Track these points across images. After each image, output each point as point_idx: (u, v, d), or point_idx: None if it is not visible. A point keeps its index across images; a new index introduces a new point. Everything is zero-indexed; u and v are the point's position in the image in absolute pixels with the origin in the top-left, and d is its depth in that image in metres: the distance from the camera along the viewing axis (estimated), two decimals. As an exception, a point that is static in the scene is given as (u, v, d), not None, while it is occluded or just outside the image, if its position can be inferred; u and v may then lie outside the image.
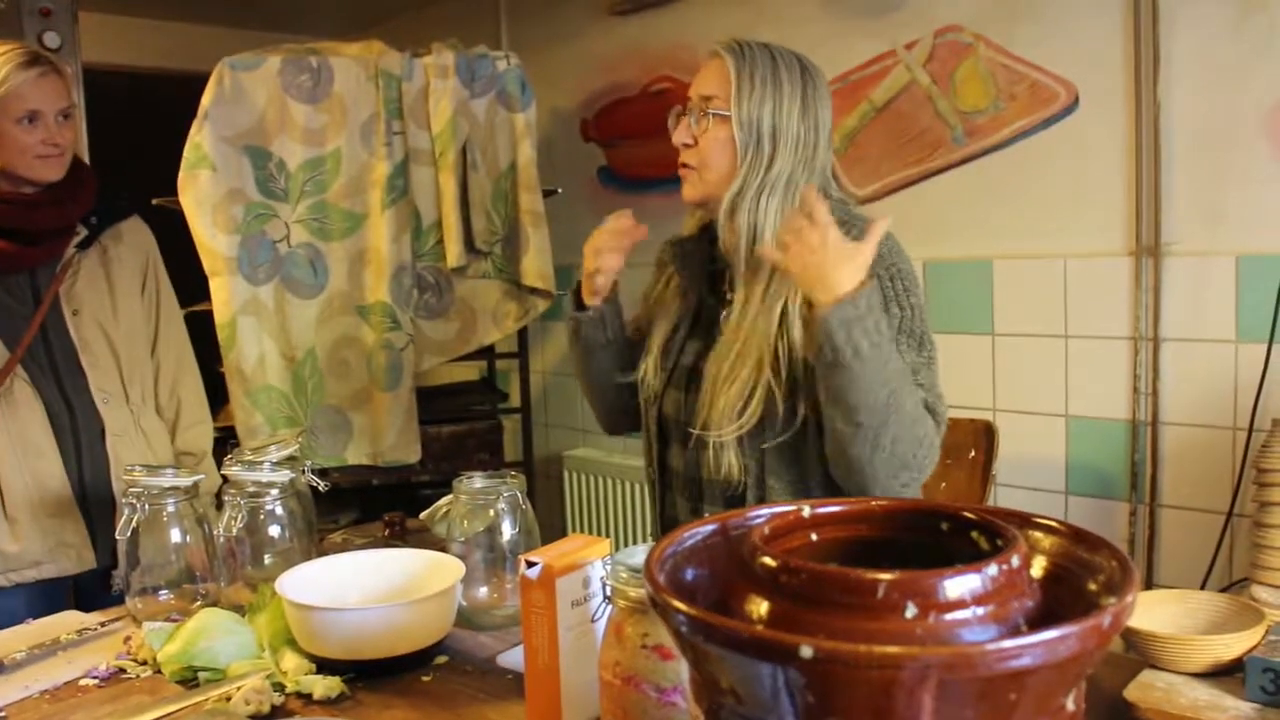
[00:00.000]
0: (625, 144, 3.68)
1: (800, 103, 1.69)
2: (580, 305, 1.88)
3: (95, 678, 1.42)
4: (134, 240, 2.29)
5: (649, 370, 1.85)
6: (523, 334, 3.61)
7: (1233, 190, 2.35)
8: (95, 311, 2.17)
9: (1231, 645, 1.83)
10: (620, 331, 1.92)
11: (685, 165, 1.76)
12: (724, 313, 1.79)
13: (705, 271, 1.86)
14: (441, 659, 1.44)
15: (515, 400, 3.75)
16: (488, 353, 3.61)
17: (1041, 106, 2.62)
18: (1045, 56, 2.60)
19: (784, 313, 1.66)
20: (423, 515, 1.77)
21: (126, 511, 1.64)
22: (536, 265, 3.29)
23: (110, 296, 2.21)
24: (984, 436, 2.31)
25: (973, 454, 2.32)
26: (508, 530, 1.58)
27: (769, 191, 1.68)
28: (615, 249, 1.80)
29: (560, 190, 3.60)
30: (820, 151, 1.73)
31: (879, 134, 2.94)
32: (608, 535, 3.56)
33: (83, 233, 2.18)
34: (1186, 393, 2.46)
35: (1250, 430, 2.34)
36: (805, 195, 1.55)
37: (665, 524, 1.91)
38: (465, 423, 3.52)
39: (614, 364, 1.92)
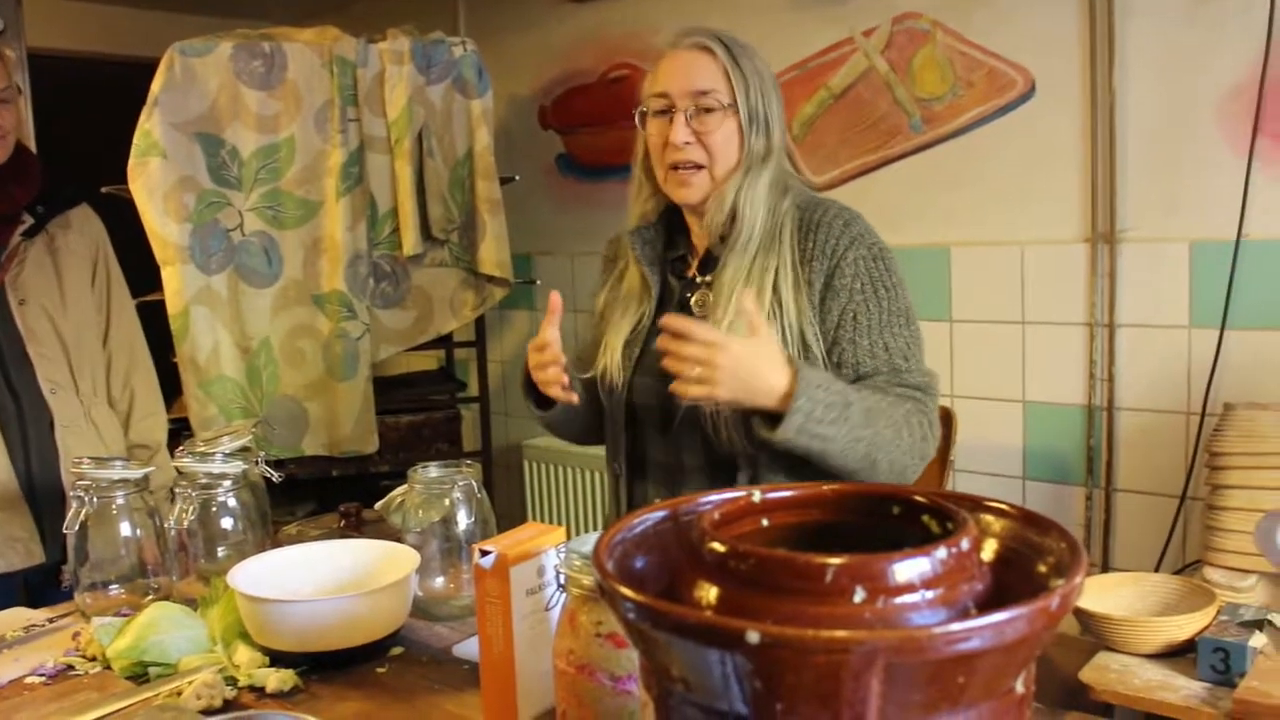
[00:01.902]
0: (583, 131, 3.66)
1: (772, 83, 1.72)
2: (540, 403, 1.81)
3: (42, 675, 1.39)
4: (83, 229, 2.25)
5: (611, 365, 1.81)
6: (480, 323, 3.58)
7: (1186, 177, 2.37)
8: (43, 301, 2.13)
9: (1184, 626, 1.85)
10: (584, 395, 1.85)
11: (686, 165, 1.69)
12: (692, 296, 1.77)
13: (665, 258, 1.85)
14: (397, 650, 1.43)
15: (474, 389, 3.73)
16: (445, 342, 3.59)
17: (998, 94, 2.63)
18: (1002, 44, 2.61)
19: (775, 289, 1.65)
20: (378, 505, 1.75)
21: (75, 505, 1.61)
22: (494, 253, 3.28)
23: (59, 286, 2.17)
24: (942, 422, 2.32)
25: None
26: (463, 520, 1.57)
27: (766, 173, 1.70)
28: (554, 358, 1.70)
29: (518, 178, 3.57)
30: (784, 118, 1.77)
31: (837, 121, 2.95)
32: (568, 524, 3.56)
33: (29, 221, 2.14)
34: (1141, 378, 2.48)
35: (1203, 414, 2.36)
36: (666, 323, 1.49)
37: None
38: (423, 413, 3.50)
39: (587, 419, 1.90)
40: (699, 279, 1.78)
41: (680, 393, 1.50)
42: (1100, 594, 2.03)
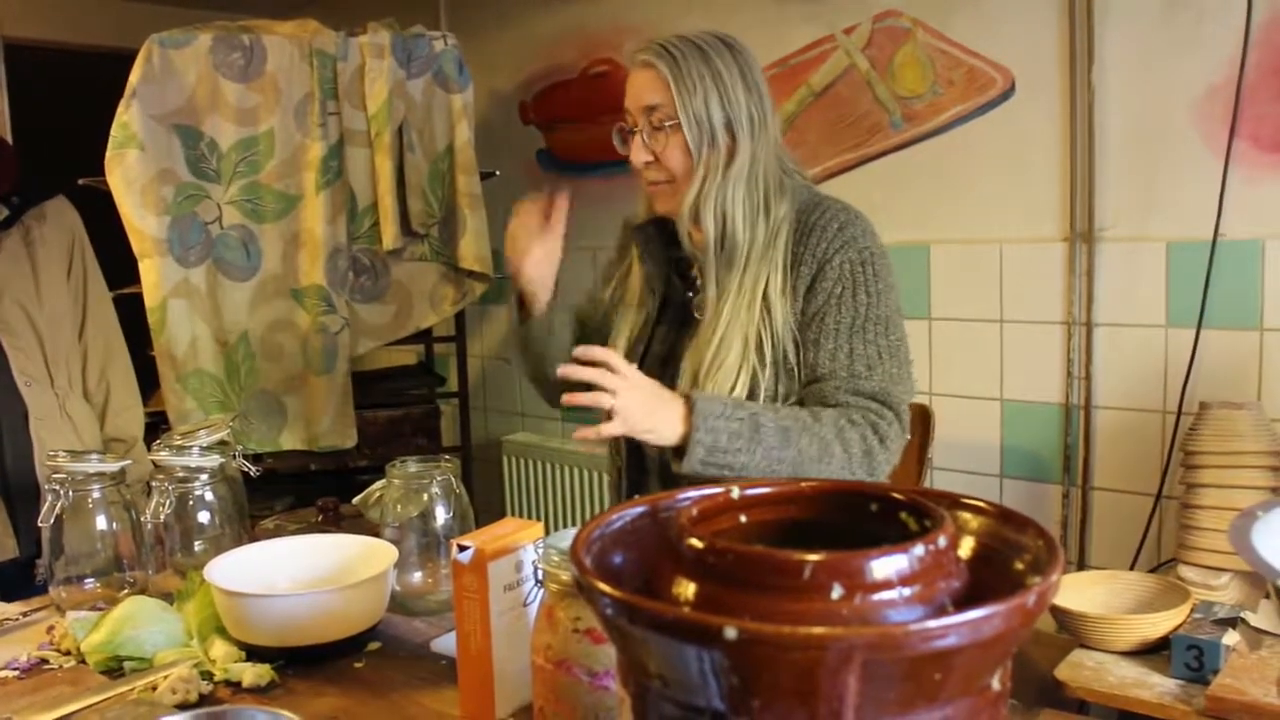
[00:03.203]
0: (564, 127, 3.65)
1: (742, 82, 1.65)
2: (523, 314, 1.84)
3: (15, 669, 1.38)
4: (59, 221, 2.23)
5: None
6: (460, 318, 3.58)
7: (1164, 177, 2.39)
8: (17, 293, 2.11)
9: (1158, 624, 1.87)
10: (568, 328, 1.88)
11: (656, 183, 1.70)
12: (693, 298, 1.77)
13: (669, 259, 1.82)
14: (374, 645, 1.42)
15: (453, 385, 3.73)
16: (425, 336, 3.58)
17: (978, 93, 2.64)
18: (982, 43, 2.62)
19: (765, 297, 1.64)
20: (356, 500, 1.75)
21: (49, 498, 1.60)
22: (474, 248, 3.27)
23: (34, 278, 2.15)
24: (920, 420, 2.33)
25: (908, 437, 2.33)
26: (441, 515, 1.56)
27: (734, 181, 1.65)
28: (537, 248, 1.74)
29: (498, 173, 3.56)
30: (771, 124, 1.69)
31: (817, 119, 2.95)
32: (547, 520, 3.56)
33: (3, 213, 2.12)
34: (1118, 377, 2.50)
35: (1179, 413, 2.38)
36: (581, 353, 1.51)
37: None
38: (402, 407, 3.49)
39: (565, 357, 1.88)
40: (698, 281, 1.77)
41: (594, 434, 1.50)
42: (1076, 592, 2.05)
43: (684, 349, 1.72)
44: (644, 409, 1.49)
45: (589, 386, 1.49)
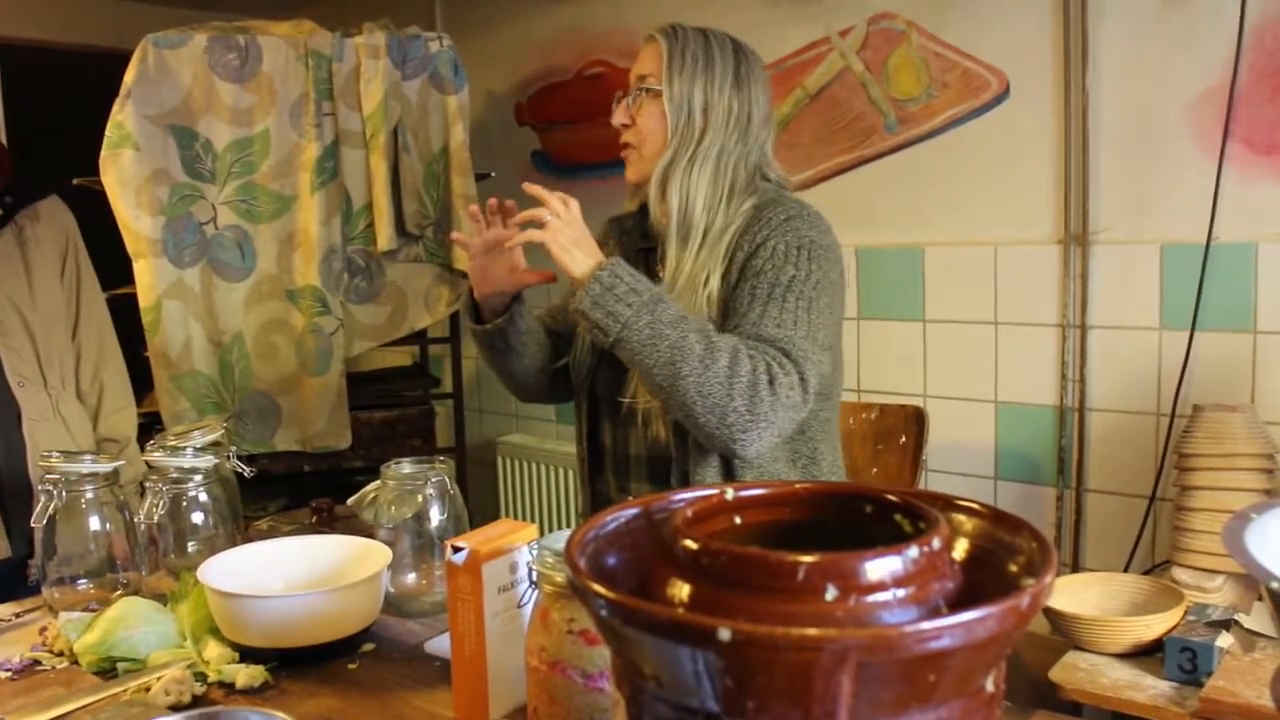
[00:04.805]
0: (560, 128, 3.66)
1: (733, 78, 1.72)
2: (479, 318, 1.86)
3: (8, 670, 1.38)
4: (52, 221, 2.23)
5: (580, 352, 1.85)
6: (455, 319, 3.57)
7: (1158, 180, 2.39)
8: (10, 293, 2.11)
9: (1152, 626, 1.87)
10: (531, 334, 1.90)
11: (626, 145, 1.78)
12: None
13: (639, 250, 1.86)
14: (368, 646, 1.42)
15: (448, 386, 3.72)
16: (419, 338, 3.58)
17: (973, 95, 2.64)
18: (977, 45, 2.62)
19: (707, 283, 1.68)
20: (350, 501, 1.74)
21: (42, 499, 1.59)
22: (469, 249, 3.26)
23: (27, 278, 2.15)
24: (914, 422, 2.34)
25: (903, 439, 2.34)
26: (436, 516, 1.56)
27: (700, 162, 1.71)
28: (489, 264, 1.77)
29: (494, 174, 3.56)
30: (755, 126, 1.75)
31: (812, 121, 2.95)
32: (542, 521, 3.56)
33: (-3, 212, 2.12)
34: (1112, 379, 2.50)
35: (1173, 416, 2.38)
36: (527, 188, 1.65)
37: (596, 502, 1.92)
38: (397, 409, 3.48)
39: (526, 362, 1.89)
40: (660, 271, 1.80)
41: (523, 238, 1.63)
42: (1070, 593, 2.05)
43: None
44: (570, 235, 1.59)
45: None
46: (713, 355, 1.52)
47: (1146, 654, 1.89)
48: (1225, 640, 1.81)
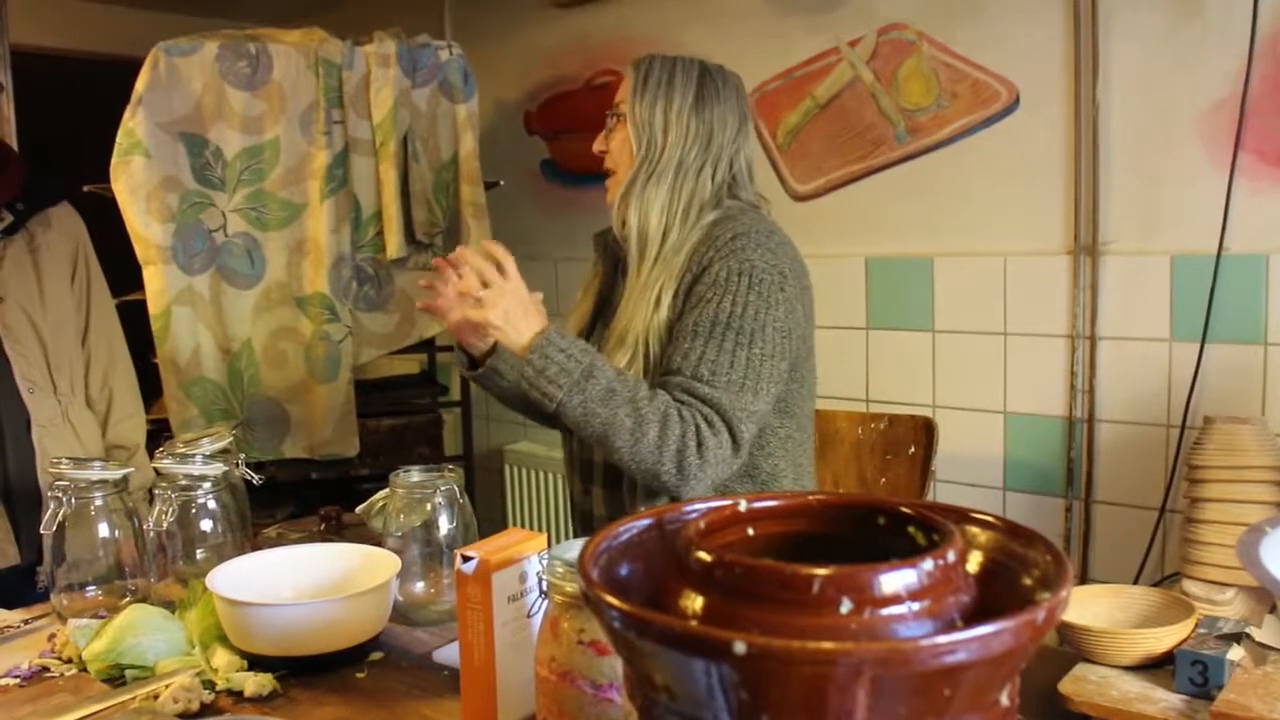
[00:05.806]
0: (568, 137, 3.66)
1: (694, 99, 1.77)
2: (471, 362, 1.91)
3: (16, 677, 1.38)
4: (63, 227, 2.23)
5: None
6: (464, 327, 3.57)
7: (1168, 191, 2.39)
8: (21, 299, 2.11)
9: (1162, 638, 1.86)
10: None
11: (605, 171, 1.87)
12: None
13: (616, 265, 1.93)
14: (377, 655, 1.42)
15: (455, 394, 3.72)
16: (428, 346, 3.58)
17: (982, 106, 2.64)
18: (987, 56, 2.62)
19: (658, 298, 1.72)
20: (359, 509, 1.74)
21: (51, 505, 1.59)
22: (478, 258, 3.26)
23: (38, 284, 2.15)
24: (923, 432, 2.33)
25: (912, 450, 2.33)
26: (445, 525, 1.56)
27: (658, 177, 1.76)
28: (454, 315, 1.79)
29: (502, 182, 3.56)
30: (719, 144, 1.78)
31: (822, 131, 2.95)
32: (549, 530, 3.55)
33: (8, 219, 2.13)
34: (1122, 390, 2.49)
35: (1183, 427, 2.37)
36: (484, 247, 1.66)
37: (571, 504, 1.97)
38: (405, 416, 3.49)
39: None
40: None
41: (459, 316, 1.68)
42: (1079, 605, 2.04)
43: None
44: (505, 307, 1.61)
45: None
46: (642, 429, 1.58)
47: (1157, 667, 1.87)
48: (1236, 653, 1.79)
